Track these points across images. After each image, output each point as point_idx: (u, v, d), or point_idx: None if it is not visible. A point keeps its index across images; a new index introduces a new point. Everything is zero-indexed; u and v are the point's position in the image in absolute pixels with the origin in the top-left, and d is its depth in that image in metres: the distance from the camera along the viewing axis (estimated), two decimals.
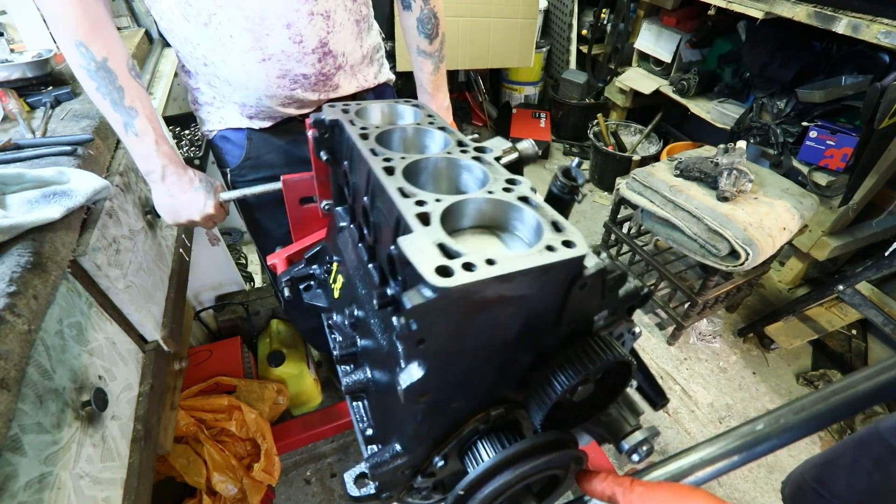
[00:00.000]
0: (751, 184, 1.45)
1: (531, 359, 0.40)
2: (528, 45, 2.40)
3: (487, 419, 0.43)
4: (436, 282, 0.28)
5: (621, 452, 0.46)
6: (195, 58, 0.75)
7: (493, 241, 0.40)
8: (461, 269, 0.29)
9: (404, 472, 0.45)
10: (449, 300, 0.29)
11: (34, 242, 0.56)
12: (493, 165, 0.45)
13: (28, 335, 0.49)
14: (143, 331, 0.81)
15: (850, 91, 1.56)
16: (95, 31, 0.65)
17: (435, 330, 0.31)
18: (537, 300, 0.34)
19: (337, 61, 0.80)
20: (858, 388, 0.40)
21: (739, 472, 1.41)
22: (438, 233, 0.33)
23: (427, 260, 0.29)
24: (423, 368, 0.34)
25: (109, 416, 0.65)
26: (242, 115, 0.85)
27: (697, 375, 1.70)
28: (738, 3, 1.68)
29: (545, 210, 0.37)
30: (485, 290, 0.29)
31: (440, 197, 0.38)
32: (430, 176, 0.47)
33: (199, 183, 0.81)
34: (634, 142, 2.62)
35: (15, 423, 0.48)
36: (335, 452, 1.44)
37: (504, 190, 0.40)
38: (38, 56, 0.95)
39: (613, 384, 0.44)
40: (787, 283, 1.99)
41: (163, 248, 0.98)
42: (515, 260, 0.30)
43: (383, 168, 0.43)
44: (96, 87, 0.67)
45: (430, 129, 0.54)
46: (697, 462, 0.43)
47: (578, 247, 0.32)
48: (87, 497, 0.56)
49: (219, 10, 0.67)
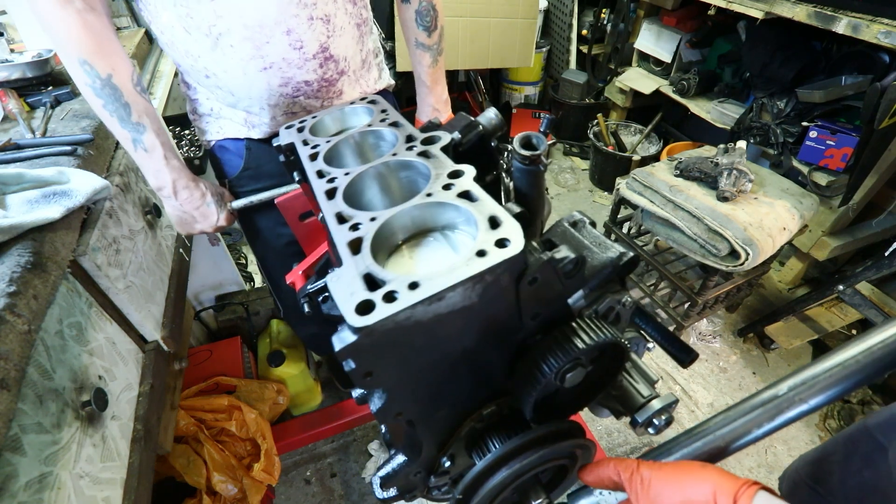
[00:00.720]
0: (751, 184, 1.45)
1: (507, 355, 0.39)
2: (528, 45, 2.40)
3: (481, 418, 0.43)
4: (356, 322, 0.27)
5: (635, 426, 0.44)
6: (196, 70, 0.75)
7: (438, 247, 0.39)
8: (382, 300, 0.28)
9: (416, 474, 0.45)
10: (376, 335, 0.28)
11: (34, 242, 0.56)
12: (437, 158, 0.43)
13: (28, 335, 0.49)
14: (143, 331, 0.81)
15: (850, 91, 1.56)
16: (99, 48, 0.65)
17: (377, 362, 0.30)
18: (483, 306, 0.32)
19: (339, 66, 0.79)
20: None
21: (740, 472, 1.41)
22: (367, 261, 0.32)
23: (351, 297, 0.29)
24: (382, 396, 0.34)
25: (109, 416, 0.65)
26: (246, 124, 0.84)
27: (697, 375, 1.70)
28: (738, 3, 1.68)
29: (484, 204, 0.35)
30: (414, 315, 0.29)
31: (375, 215, 0.37)
32: (377, 185, 0.46)
33: (211, 197, 0.82)
34: (634, 142, 2.62)
35: (15, 423, 0.48)
36: (335, 452, 1.44)
37: (444, 188, 0.38)
38: (38, 56, 0.95)
39: (610, 362, 0.43)
40: (787, 284, 1.99)
41: (163, 248, 0.98)
42: (441, 278, 0.29)
43: (325, 192, 0.42)
44: (103, 105, 0.68)
45: (379, 128, 0.53)
46: (714, 438, 0.40)
47: (513, 244, 0.31)
48: (87, 497, 0.56)
49: (219, 20, 0.67)
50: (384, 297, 0.28)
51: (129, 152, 0.73)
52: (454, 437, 0.43)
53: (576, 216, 0.44)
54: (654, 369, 1.72)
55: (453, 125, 0.54)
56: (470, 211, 0.35)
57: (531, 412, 0.39)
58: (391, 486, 0.46)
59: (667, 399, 0.44)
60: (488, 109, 0.55)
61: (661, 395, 0.44)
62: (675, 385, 1.67)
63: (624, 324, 0.46)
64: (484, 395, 0.43)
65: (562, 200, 2.64)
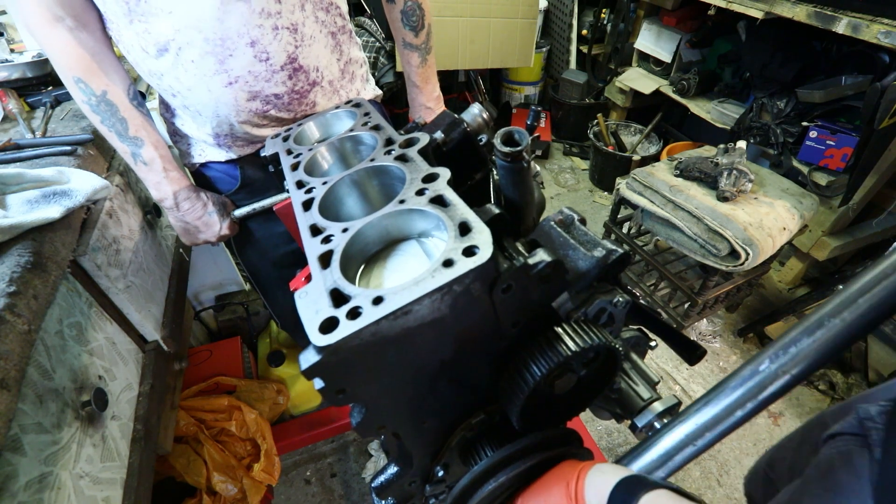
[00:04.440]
0: (751, 184, 1.45)
1: (490, 363, 0.38)
2: (528, 45, 2.39)
3: (471, 427, 0.42)
4: (319, 341, 0.27)
5: (636, 431, 0.43)
6: (163, 89, 0.72)
7: (413, 255, 0.38)
8: (346, 318, 0.27)
9: (411, 484, 0.45)
10: (342, 353, 0.27)
11: (34, 242, 0.56)
12: (414, 162, 0.42)
13: (28, 335, 0.49)
14: (143, 331, 0.81)
15: (850, 91, 1.56)
16: (92, 65, 0.65)
17: (348, 378, 0.30)
18: (456, 318, 0.31)
19: (310, 77, 0.74)
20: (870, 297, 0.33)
21: (739, 471, 1.41)
22: (334, 275, 0.31)
23: (315, 315, 0.28)
24: (360, 412, 0.33)
25: (109, 416, 0.65)
26: (220, 145, 0.80)
27: (697, 375, 1.70)
28: (738, 3, 1.68)
29: (456, 209, 0.34)
30: (380, 330, 0.28)
31: (347, 225, 0.36)
32: (355, 192, 0.45)
33: (213, 206, 0.81)
34: (634, 142, 2.62)
35: (15, 422, 0.48)
36: (335, 453, 1.44)
37: (418, 193, 0.37)
38: (37, 56, 0.95)
39: (604, 366, 0.41)
40: (787, 283, 1.99)
41: (163, 248, 0.98)
42: (406, 291, 0.28)
43: (302, 203, 0.41)
44: (101, 121, 0.68)
45: (359, 133, 0.53)
46: (696, 428, 0.37)
47: (482, 252, 0.29)
48: (87, 497, 0.56)
49: (177, 34, 0.63)
50: (348, 314, 0.28)
51: (131, 165, 0.73)
52: (446, 447, 0.42)
53: (564, 213, 0.42)
54: (655, 369, 1.72)
55: (436, 124, 0.53)
56: (440, 217, 0.34)
57: (518, 421, 0.38)
58: (387, 496, 0.45)
59: (668, 402, 0.42)
60: (472, 105, 0.53)
61: (662, 398, 0.43)
62: (674, 385, 1.67)
63: (619, 325, 0.44)
64: (472, 403, 0.41)
65: (562, 200, 2.64)
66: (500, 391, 0.38)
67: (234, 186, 0.87)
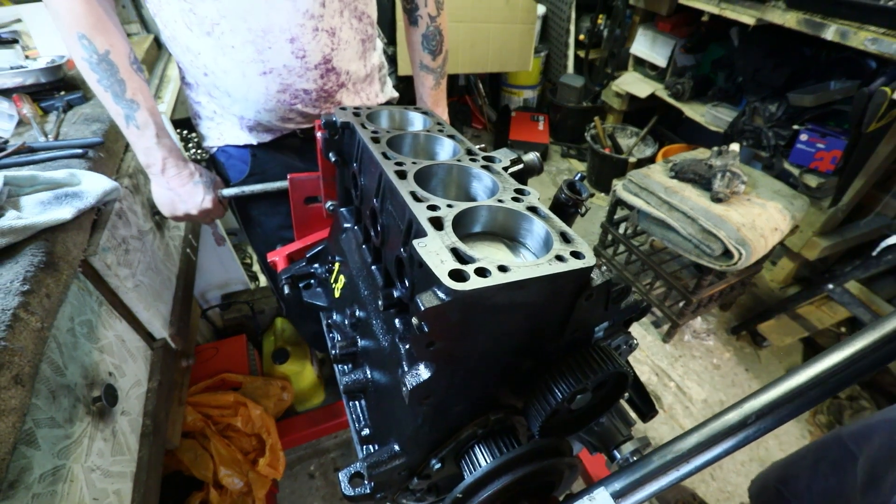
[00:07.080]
0: (744, 185, 1.48)
1: (532, 365, 0.41)
2: (527, 50, 2.43)
3: (486, 423, 0.43)
4: (451, 285, 0.28)
5: (612, 461, 0.48)
6: (196, 67, 0.75)
7: (501, 249, 0.41)
8: (474, 274, 0.30)
9: (401, 472, 0.45)
10: (462, 304, 0.29)
11: (47, 243, 0.57)
12: (501, 175, 0.46)
13: (41, 332, 0.50)
14: (152, 328, 0.83)
15: (839, 95, 1.59)
16: (99, 24, 0.65)
17: (445, 333, 0.32)
18: (544, 308, 0.34)
19: (340, 79, 0.79)
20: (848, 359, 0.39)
21: (732, 466, 1.43)
22: (452, 237, 0.34)
23: (442, 263, 0.30)
24: (430, 370, 0.34)
25: (119, 412, 0.66)
26: (242, 127, 0.84)
27: (692, 372, 1.73)
28: (731, 10, 1.72)
29: (553, 221, 0.38)
30: (496, 295, 0.30)
31: (452, 203, 0.39)
32: (441, 182, 0.48)
33: (200, 177, 0.81)
34: (630, 144, 2.66)
35: (29, 417, 0.49)
36: (338, 448, 1.46)
37: (513, 199, 0.41)
38: (51, 62, 0.97)
39: (609, 394, 0.45)
40: (779, 283, 2.03)
41: (170, 249, 0.99)
42: (527, 268, 0.31)
43: (395, 172, 0.43)
44: (98, 80, 0.67)
45: (439, 136, 0.56)
46: (684, 453, 0.41)
47: (587, 258, 0.33)
48: (99, 489, 0.58)
49: (222, 20, 0.67)
50: (476, 271, 0.30)
51: (122, 128, 0.72)
52: (453, 438, 0.43)
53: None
54: (650, 366, 1.75)
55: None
56: (543, 224, 0.37)
57: (538, 425, 0.40)
58: (370, 481, 0.44)
59: (642, 441, 0.48)
60: (531, 153, 0.60)
61: (633, 438, 0.48)
62: (669, 382, 1.69)
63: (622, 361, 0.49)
64: (497, 400, 0.44)
65: None
66: (530, 395, 0.40)
67: (243, 174, 0.89)
